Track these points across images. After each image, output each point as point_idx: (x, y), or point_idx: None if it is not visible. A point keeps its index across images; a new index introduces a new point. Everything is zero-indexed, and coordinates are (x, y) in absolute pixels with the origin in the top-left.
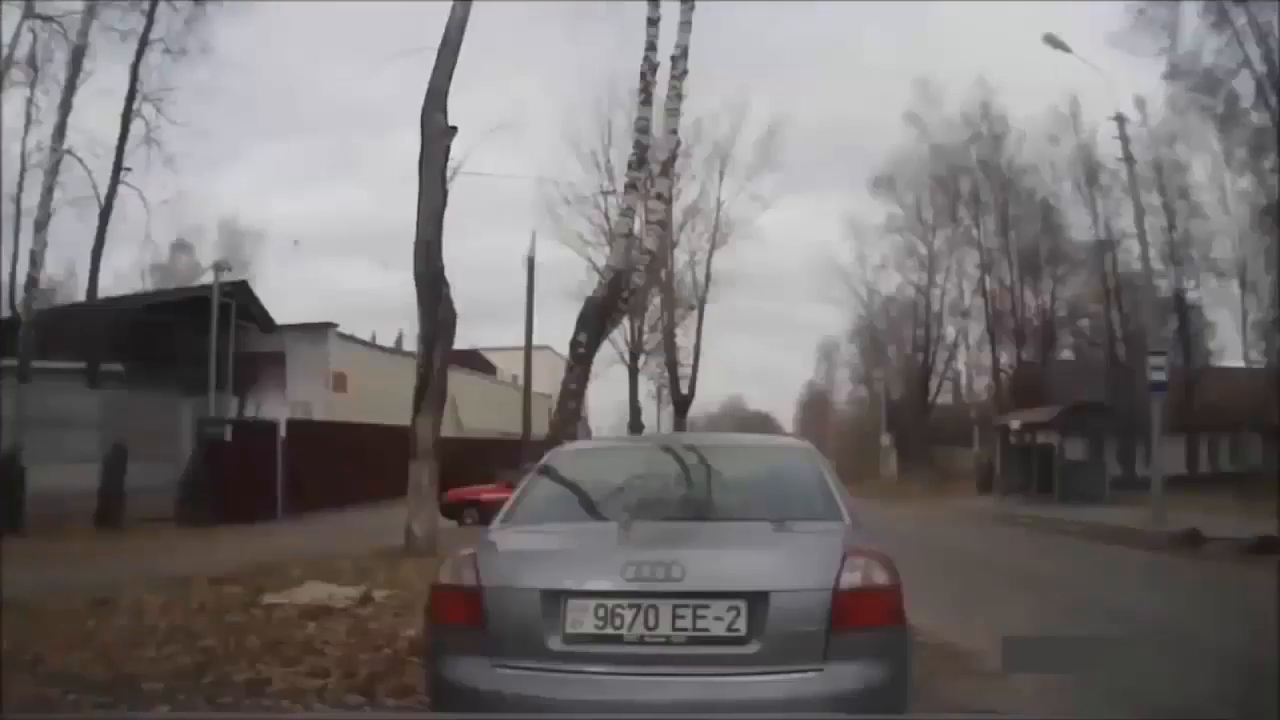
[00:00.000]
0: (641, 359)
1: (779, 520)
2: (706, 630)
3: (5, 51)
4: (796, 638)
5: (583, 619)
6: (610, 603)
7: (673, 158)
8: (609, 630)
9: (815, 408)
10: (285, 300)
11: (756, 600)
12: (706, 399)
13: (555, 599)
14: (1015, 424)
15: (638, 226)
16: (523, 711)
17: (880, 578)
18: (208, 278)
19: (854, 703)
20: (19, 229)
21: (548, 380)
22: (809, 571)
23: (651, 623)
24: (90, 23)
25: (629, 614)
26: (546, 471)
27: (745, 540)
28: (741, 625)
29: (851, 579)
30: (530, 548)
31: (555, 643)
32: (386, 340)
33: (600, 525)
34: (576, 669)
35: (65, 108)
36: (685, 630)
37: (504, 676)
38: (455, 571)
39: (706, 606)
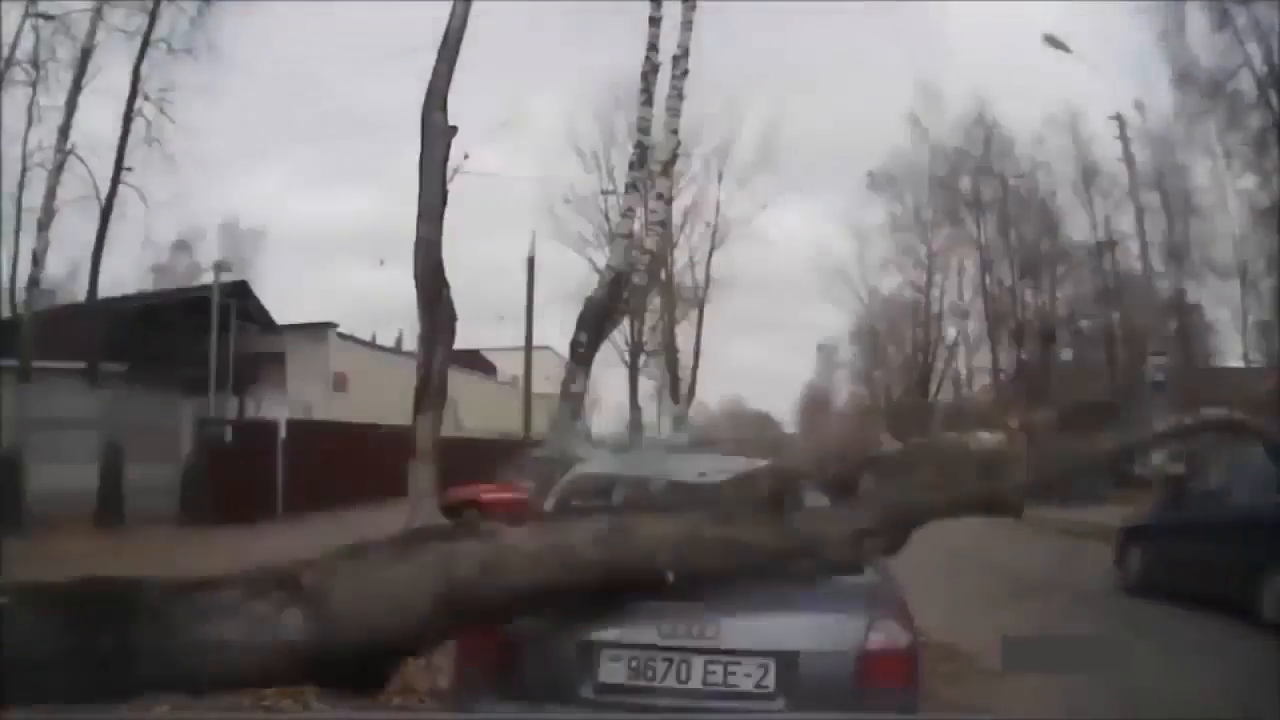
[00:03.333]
0: (641, 359)
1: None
2: (736, 686)
3: (6, 51)
4: (821, 695)
5: (615, 669)
6: (643, 655)
7: (673, 158)
8: (641, 682)
9: (815, 408)
10: (285, 300)
11: (786, 659)
12: (706, 399)
13: (588, 649)
14: (1015, 424)
15: (638, 227)
16: None
17: (902, 641)
18: (208, 278)
19: None
20: (19, 228)
21: (548, 380)
22: (837, 632)
23: (683, 676)
24: (98, 23)
25: (661, 667)
26: (566, 504)
27: (776, 597)
28: (770, 682)
29: (876, 640)
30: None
31: (587, 691)
32: (386, 340)
33: None
34: (608, 718)
35: (70, 108)
36: (716, 685)
37: None
38: None
39: (738, 663)
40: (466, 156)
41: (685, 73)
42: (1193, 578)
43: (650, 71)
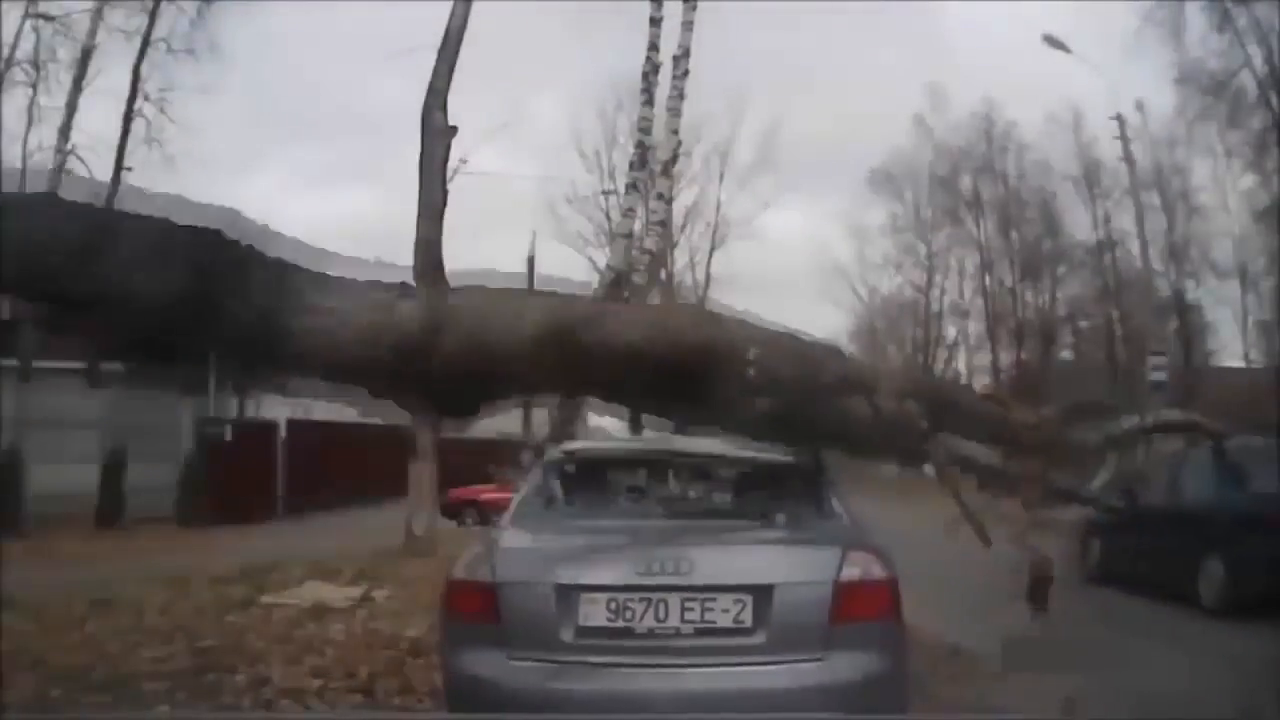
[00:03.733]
0: None
1: (780, 517)
2: (714, 622)
3: (6, 51)
4: (799, 629)
5: (595, 612)
6: (621, 596)
7: (674, 158)
8: (620, 623)
9: None
10: None
11: (762, 593)
12: None
13: (568, 593)
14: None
15: (638, 227)
16: (535, 701)
17: (878, 572)
18: None
19: (854, 691)
20: None
21: None
22: (811, 566)
23: (661, 615)
24: (98, 23)
25: (639, 607)
26: (552, 469)
27: (750, 536)
28: (747, 617)
29: (851, 573)
30: (543, 544)
31: (568, 635)
32: None
33: (610, 522)
34: (589, 660)
35: (70, 108)
36: (694, 622)
37: (518, 668)
38: (471, 567)
39: (714, 599)
40: (463, 161)
41: (686, 73)
42: (1142, 568)
43: (651, 72)
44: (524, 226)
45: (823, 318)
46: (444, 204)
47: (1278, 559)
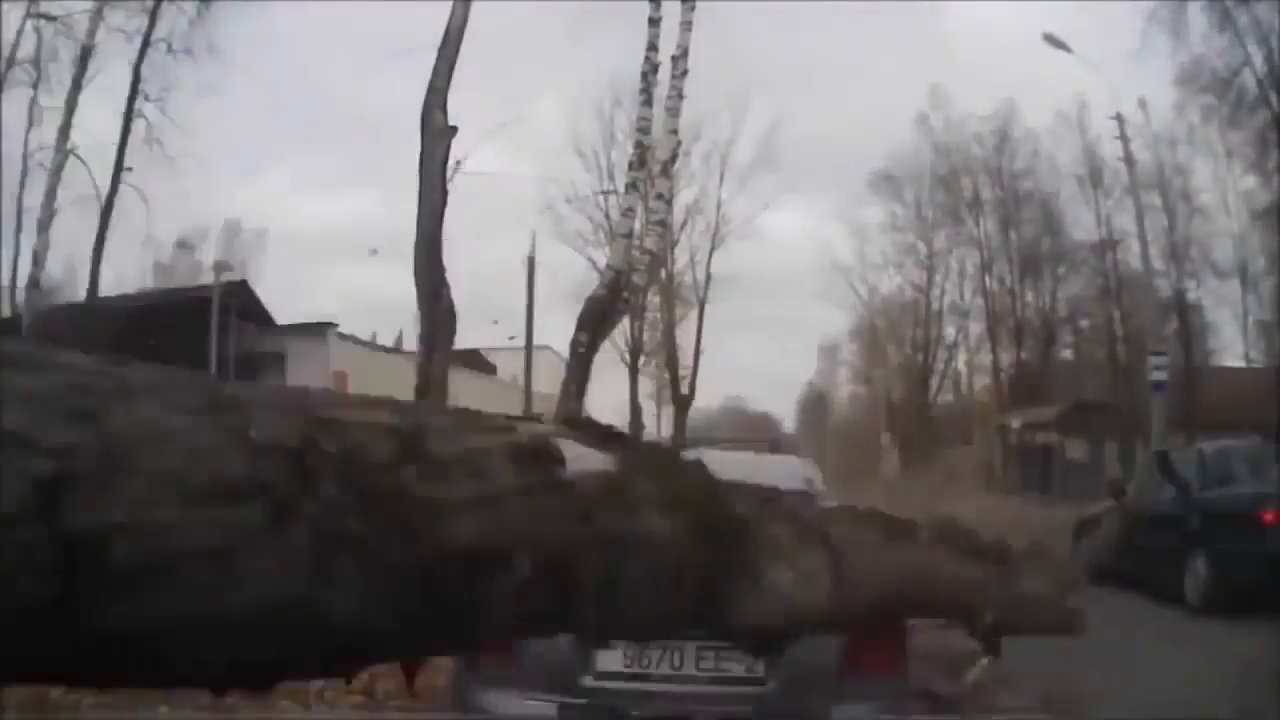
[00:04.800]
0: (641, 359)
1: None
2: (728, 671)
3: (7, 51)
4: (810, 680)
5: (612, 658)
6: (638, 644)
7: (673, 158)
8: (636, 669)
9: (815, 408)
10: (286, 299)
11: None
12: (707, 399)
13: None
14: (1015, 424)
15: (638, 226)
16: None
17: (886, 629)
18: (209, 277)
19: None
20: (19, 228)
21: (548, 380)
22: None
23: (677, 663)
24: (98, 23)
25: (655, 654)
26: None
27: None
28: (760, 668)
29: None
30: None
31: (587, 680)
32: (386, 340)
33: None
34: (606, 704)
35: (70, 107)
36: (708, 671)
37: (534, 709)
38: None
39: (729, 650)
40: (459, 163)
41: (685, 73)
42: (1134, 567)
43: (650, 71)
44: (524, 226)
45: (823, 318)
46: (444, 204)
47: (1259, 557)
